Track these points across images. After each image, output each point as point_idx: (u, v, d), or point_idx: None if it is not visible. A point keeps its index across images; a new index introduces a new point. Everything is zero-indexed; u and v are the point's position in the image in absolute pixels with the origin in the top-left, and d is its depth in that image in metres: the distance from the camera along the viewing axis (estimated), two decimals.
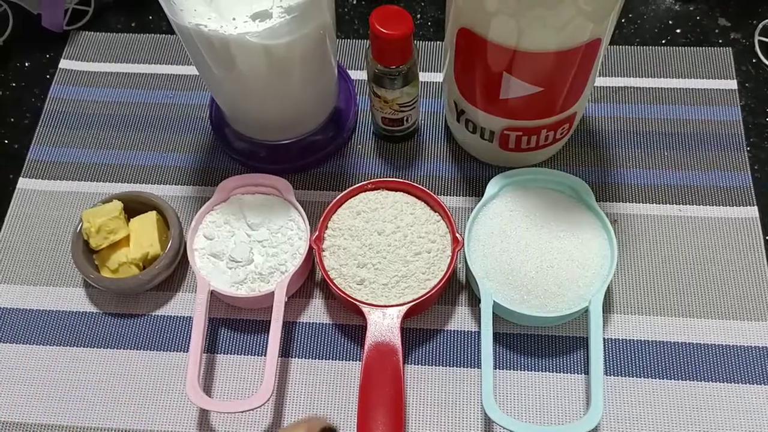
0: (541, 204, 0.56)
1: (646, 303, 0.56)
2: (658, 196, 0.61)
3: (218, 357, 0.56)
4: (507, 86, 0.51)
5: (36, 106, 0.68)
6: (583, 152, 0.63)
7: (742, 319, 0.55)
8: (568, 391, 0.53)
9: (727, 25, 0.70)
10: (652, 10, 0.71)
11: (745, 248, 0.58)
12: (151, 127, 0.66)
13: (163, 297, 0.58)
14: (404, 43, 0.53)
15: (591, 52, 0.49)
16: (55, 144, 0.66)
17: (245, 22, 0.47)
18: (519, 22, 0.46)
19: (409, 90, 0.57)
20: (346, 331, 0.56)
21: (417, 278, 0.53)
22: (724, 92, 0.66)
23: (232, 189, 0.58)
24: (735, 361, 0.54)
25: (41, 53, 0.71)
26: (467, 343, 0.56)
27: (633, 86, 0.67)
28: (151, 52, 0.71)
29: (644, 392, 0.53)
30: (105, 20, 0.73)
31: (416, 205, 0.57)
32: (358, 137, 0.65)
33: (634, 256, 0.58)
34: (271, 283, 0.54)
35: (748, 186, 0.61)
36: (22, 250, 0.61)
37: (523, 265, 0.53)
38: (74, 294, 0.59)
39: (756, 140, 0.64)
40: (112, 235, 0.56)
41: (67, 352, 0.56)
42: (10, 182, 0.64)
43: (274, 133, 0.61)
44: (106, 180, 0.64)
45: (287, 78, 0.54)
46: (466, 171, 0.63)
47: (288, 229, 0.56)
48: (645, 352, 0.54)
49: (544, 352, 0.55)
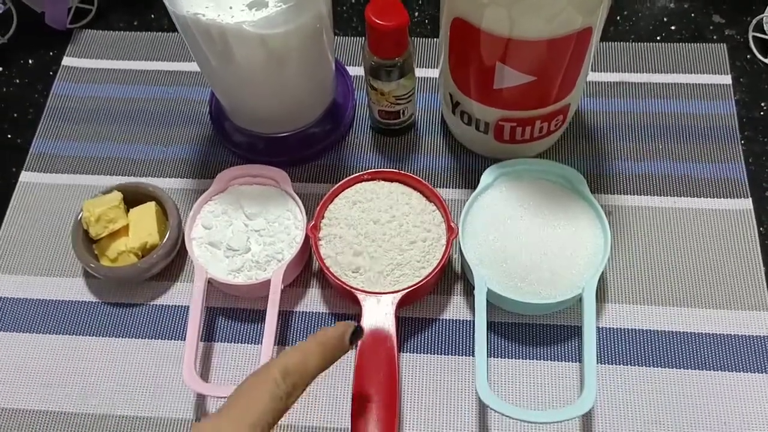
0: (535, 193, 0.56)
1: (640, 293, 0.57)
2: (652, 188, 0.61)
3: (215, 345, 0.56)
4: (501, 76, 0.52)
5: (39, 102, 0.69)
6: (579, 145, 0.64)
7: (736, 308, 0.56)
8: (562, 379, 0.54)
9: (721, 22, 0.71)
10: (647, 8, 0.72)
11: (740, 239, 0.59)
12: (151, 122, 0.67)
13: (162, 287, 0.59)
14: (399, 35, 0.54)
15: (583, 42, 0.50)
16: (58, 138, 0.67)
17: (242, 10, 0.48)
18: (511, 11, 0.46)
19: (405, 82, 0.58)
20: (342, 319, 0.57)
21: (412, 266, 0.54)
22: (718, 87, 0.66)
23: (230, 179, 0.59)
24: (727, 349, 0.54)
25: (45, 51, 0.73)
26: (462, 332, 0.56)
27: (628, 81, 0.67)
28: (153, 50, 0.72)
29: (638, 380, 0.53)
30: (108, 19, 0.75)
31: (412, 196, 0.57)
32: (355, 132, 0.66)
33: (629, 247, 0.59)
34: (268, 271, 0.55)
35: (743, 178, 0.61)
36: (23, 241, 0.61)
37: (517, 253, 0.54)
38: (74, 284, 0.59)
39: (750, 134, 0.64)
40: (112, 224, 0.56)
41: (67, 340, 0.57)
42: (13, 175, 0.65)
43: (272, 125, 0.62)
44: (108, 173, 0.65)
45: (284, 69, 0.55)
46: (462, 164, 0.63)
47: (285, 218, 0.57)
48: (639, 341, 0.55)
49: (538, 340, 0.55)
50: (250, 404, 0.36)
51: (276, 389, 0.37)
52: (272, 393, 0.36)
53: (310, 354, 0.39)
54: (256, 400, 0.36)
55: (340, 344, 0.41)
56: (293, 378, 0.38)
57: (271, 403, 0.36)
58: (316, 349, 0.40)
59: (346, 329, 0.41)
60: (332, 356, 0.41)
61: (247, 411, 0.36)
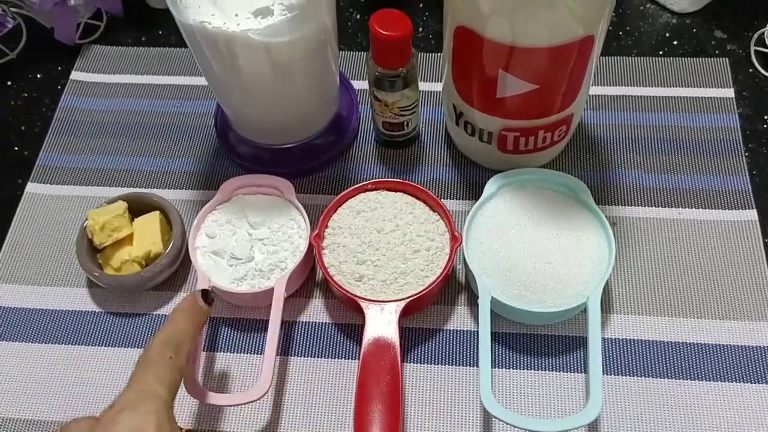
0: (538, 202, 0.56)
1: (645, 304, 0.56)
2: (657, 200, 0.61)
3: (218, 355, 0.56)
4: (503, 84, 0.52)
5: (46, 115, 0.70)
6: (582, 156, 0.64)
7: (741, 319, 0.55)
8: (567, 389, 0.53)
9: (723, 37, 0.71)
10: (649, 24, 0.73)
11: (745, 250, 0.58)
12: (157, 135, 0.68)
13: (165, 296, 0.59)
14: (403, 45, 0.55)
15: (585, 50, 0.50)
16: (64, 151, 0.67)
17: (247, 18, 0.48)
18: (513, 19, 0.47)
19: (408, 93, 0.58)
20: (345, 330, 0.57)
21: (416, 275, 0.54)
22: (721, 100, 0.67)
23: (234, 189, 0.59)
24: (733, 360, 0.54)
25: (53, 65, 0.74)
26: (466, 343, 0.56)
27: (631, 95, 0.68)
28: (159, 65, 0.73)
29: (644, 391, 0.53)
30: (116, 35, 0.76)
31: (416, 205, 0.57)
32: (359, 144, 0.66)
33: (634, 258, 0.58)
34: (271, 280, 0.55)
35: (747, 190, 0.61)
36: (28, 251, 0.62)
37: (521, 261, 0.54)
38: (78, 294, 0.59)
39: (754, 146, 0.64)
40: (116, 232, 0.57)
41: (71, 350, 0.57)
42: (19, 186, 0.65)
43: (277, 136, 0.62)
44: (113, 185, 0.65)
45: (289, 80, 0.55)
46: (465, 175, 0.64)
47: (288, 227, 0.57)
48: (644, 352, 0.54)
49: (543, 351, 0.55)
50: (148, 374, 0.42)
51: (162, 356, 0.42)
52: (162, 360, 0.42)
53: (175, 320, 0.45)
54: (152, 369, 0.42)
55: (196, 305, 0.47)
56: (172, 343, 0.43)
57: (165, 366, 0.42)
58: (179, 315, 0.46)
59: (195, 295, 0.47)
60: (196, 316, 0.47)
61: (149, 378, 0.41)
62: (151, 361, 0.42)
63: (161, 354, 0.43)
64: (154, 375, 0.41)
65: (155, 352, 0.43)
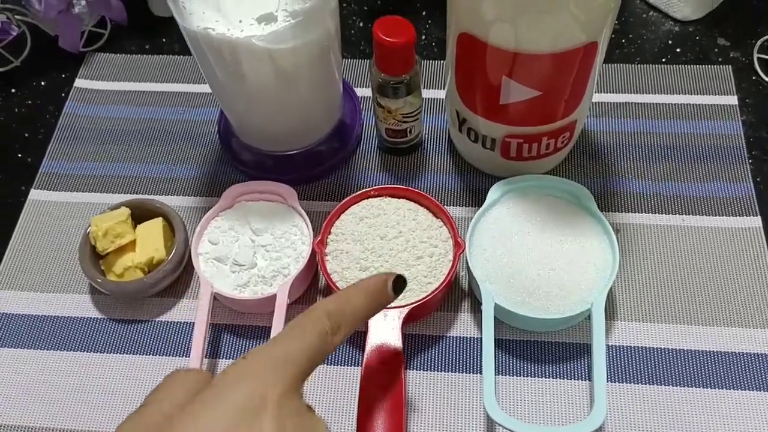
0: (542, 209, 0.56)
1: (650, 311, 0.56)
2: (661, 207, 0.61)
3: (220, 362, 0.56)
4: (507, 91, 0.52)
5: (50, 122, 0.70)
6: (586, 163, 0.64)
7: (746, 326, 0.55)
8: (571, 397, 0.53)
9: (726, 44, 0.71)
10: (652, 31, 0.73)
11: (749, 257, 0.58)
12: (160, 142, 0.68)
13: (168, 303, 0.59)
14: (407, 51, 0.55)
15: (588, 56, 0.50)
16: (67, 158, 0.67)
17: (251, 24, 0.48)
18: (516, 25, 0.47)
19: (411, 100, 0.58)
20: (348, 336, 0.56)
21: (419, 281, 0.54)
22: (724, 108, 0.67)
23: (237, 196, 0.59)
24: (738, 368, 0.53)
25: (57, 73, 0.74)
26: (470, 350, 0.55)
27: (635, 102, 0.68)
28: (163, 72, 0.73)
29: (648, 399, 0.52)
30: (120, 42, 0.76)
31: (419, 212, 0.57)
32: (362, 151, 0.66)
33: (638, 265, 0.58)
34: (274, 287, 0.55)
35: (751, 197, 0.61)
36: (31, 258, 0.62)
37: (524, 268, 0.53)
38: (80, 300, 0.59)
39: (758, 153, 0.64)
40: (119, 238, 0.57)
41: (73, 356, 0.57)
42: (22, 193, 0.65)
43: (280, 143, 0.62)
44: (116, 191, 0.65)
45: (292, 87, 0.55)
46: (468, 183, 0.64)
47: (291, 234, 0.57)
48: (648, 359, 0.54)
49: (546, 358, 0.54)
50: (291, 341, 0.35)
51: (318, 327, 0.36)
52: (314, 331, 0.35)
53: (351, 296, 0.38)
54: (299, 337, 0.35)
55: (383, 290, 0.40)
56: (336, 318, 0.37)
57: (318, 339, 0.35)
58: (357, 292, 0.39)
59: (387, 277, 0.40)
60: (376, 302, 0.40)
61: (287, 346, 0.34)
62: (303, 329, 0.35)
63: (318, 324, 0.36)
64: (298, 346, 0.34)
65: (311, 321, 0.36)
